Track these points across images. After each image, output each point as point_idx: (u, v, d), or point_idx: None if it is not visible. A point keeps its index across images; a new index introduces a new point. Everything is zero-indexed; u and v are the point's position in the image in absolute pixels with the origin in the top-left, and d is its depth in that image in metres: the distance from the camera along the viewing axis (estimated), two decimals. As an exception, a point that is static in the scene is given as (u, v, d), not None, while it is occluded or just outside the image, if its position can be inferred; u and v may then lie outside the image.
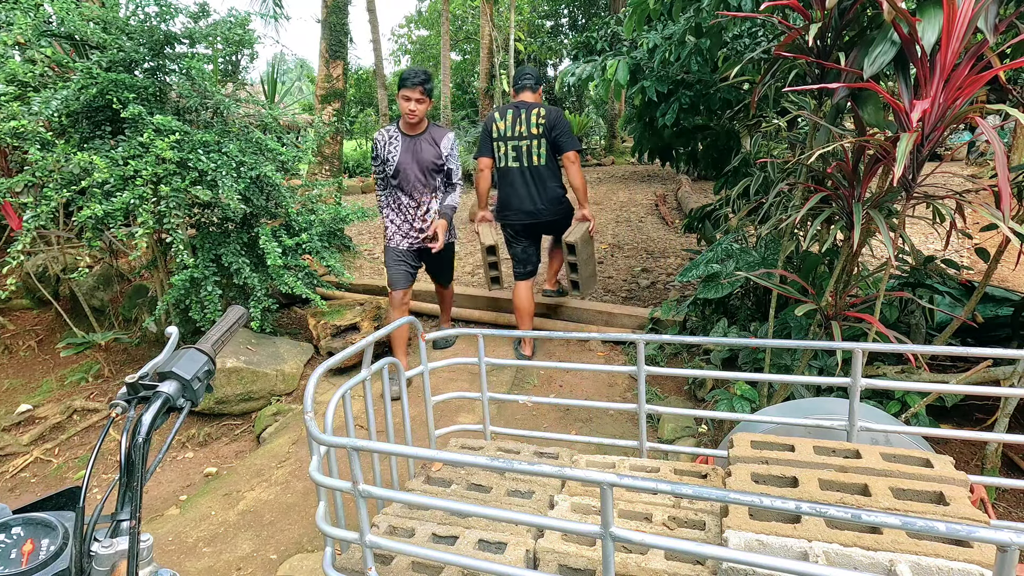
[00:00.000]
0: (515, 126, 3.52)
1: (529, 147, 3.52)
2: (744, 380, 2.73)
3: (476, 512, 0.99)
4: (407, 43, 20.81)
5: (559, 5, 18.02)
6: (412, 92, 3.15)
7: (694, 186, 9.34)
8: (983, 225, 2.30)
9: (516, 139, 3.53)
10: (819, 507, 0.78)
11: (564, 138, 3.51)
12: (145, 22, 3.30)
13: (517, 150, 3.54)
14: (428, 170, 3.34)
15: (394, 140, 3.32)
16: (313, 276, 3.80)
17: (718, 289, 3.20)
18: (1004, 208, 1.61)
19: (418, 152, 3.31)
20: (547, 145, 3.52)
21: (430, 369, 1.71)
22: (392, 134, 3.34)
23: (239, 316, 0.99)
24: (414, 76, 3.14)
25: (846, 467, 1.24)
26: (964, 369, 2.60)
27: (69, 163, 2.95)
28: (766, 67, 2.53)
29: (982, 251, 2.97)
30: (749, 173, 3.50)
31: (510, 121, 3.53)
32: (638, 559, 1.11)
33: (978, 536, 0.72)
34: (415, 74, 3.15)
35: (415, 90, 3.15)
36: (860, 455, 1.28)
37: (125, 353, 4.15)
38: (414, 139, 3.32)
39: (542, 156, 3.53)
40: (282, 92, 13.27)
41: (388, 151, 3.32)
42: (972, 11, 1.64)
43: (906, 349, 1.43)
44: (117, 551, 0.73)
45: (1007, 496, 2.39)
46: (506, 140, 3.55)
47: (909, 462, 1.25)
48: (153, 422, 0.77)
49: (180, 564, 2.25)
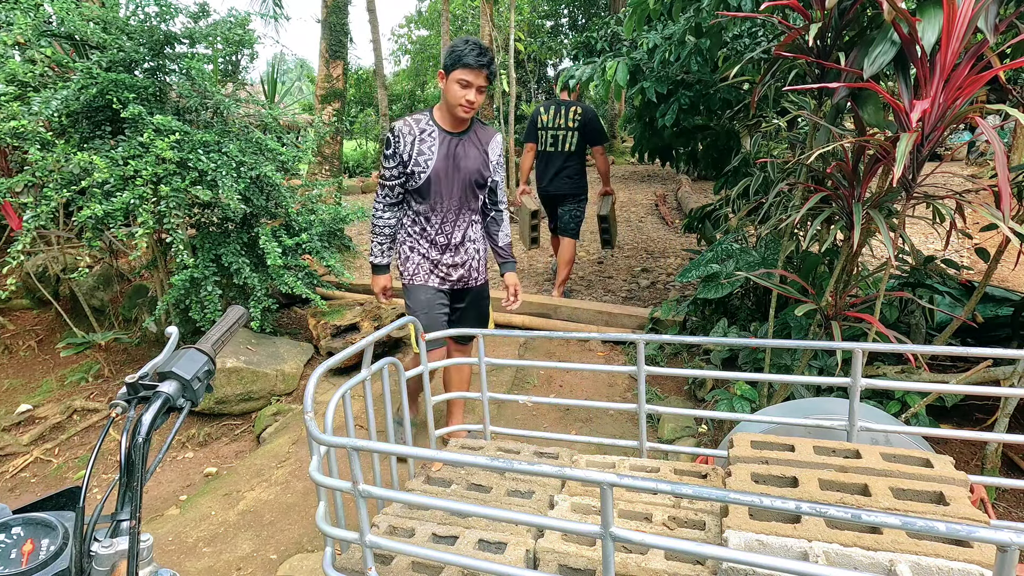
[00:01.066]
0: (556, 119, 4.35)
1: (565, 136, 4.35)
2: (744, 380, 2.74)
3: (476, 512, 0.99)
4: (407, 43, 20.81)
5: (559, 5, 18.03)
6: (476, 76, 2.19)
7: (694, 186, 9.34)
8: (983, 225, 2.30)
9: (555, 129, 4.36)
10: (819, 507, 0.78)
11: (595, 134, 4.36)
12: (145, 22, 3.30)
13: (555, 138, 4.37)
14: (473, 183, 2.40)
15: (428, 138, 2.32)
16: (313, 276, 3.80)
17: (718, 289, 3.20)
18: (1004, 208, 1.61)
19: (462, 157, 2.36)
20: (579, 136, 4.33)
21: (430, 369, 1.71)
22: (425, 128, 2.33)
23: (239, 316, 0.99)
24: (481, 54, 2.19)
25: (846, 467, 1.24)
26: (964, 369, 2.60)
27: (69, 163, 2.95)
28: (766, 67, 2.53)
29: (982, 251, 2.97)
30: (749, 173, 3.51)
31: (552, 115, 4.36)
32: (638, 559, 1.11)
33: (978, 536, 0.71)
34: (481, 51, 2.19)
35: (480, 73, 2.19)
36: (860, 455, 1.28)
37: (125, 353, 4.15)
38: (458, 139, 2.36)
39: (573, 145, 4.35)
40: (282, 92, 13.28)
41: (416, 151, 2.31)
42: (972, 11, 1.64)
43: (906, 349, 1.43)
44: (117, 551, 0.73)
45: (1007, 496, 2.39)
46: (547, 130, 4.38)
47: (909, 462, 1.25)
48: (153, 422, 0.77)
49: (180, 564, 2.24)
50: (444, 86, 2.27)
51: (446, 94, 2.26)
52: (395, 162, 2.32)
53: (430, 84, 19.86)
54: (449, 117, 2.34)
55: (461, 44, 2.19)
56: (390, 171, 2.35)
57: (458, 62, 2.18)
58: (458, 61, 2.18)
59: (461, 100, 2.23)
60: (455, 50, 2.19)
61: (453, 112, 2.29)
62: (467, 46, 2.18)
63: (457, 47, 2.19)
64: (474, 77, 2.19)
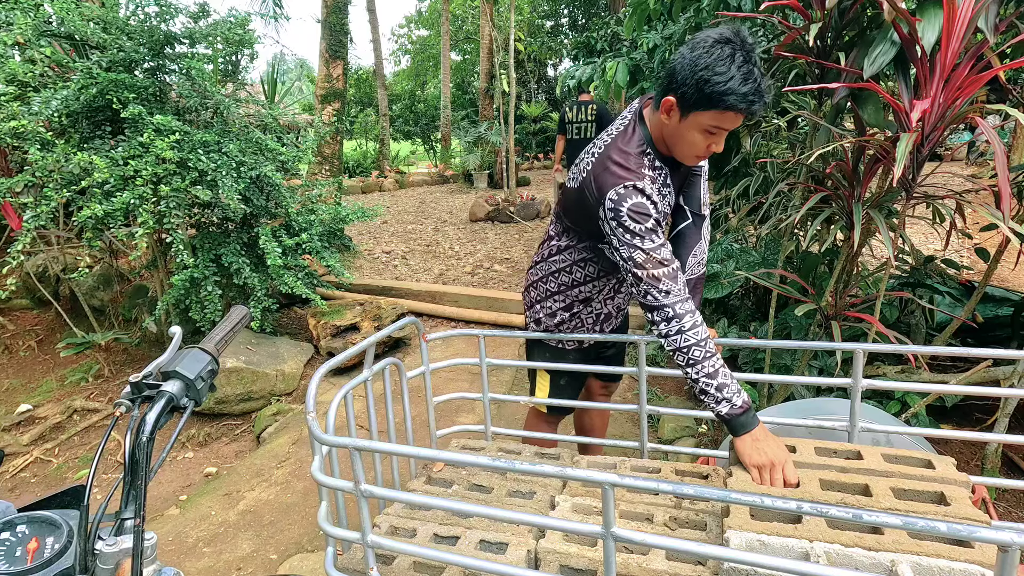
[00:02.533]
0: (578, 115, 6.10)
1: (586, 127, 6.08)
2: (744, 380, 2.73)
3: (477, 512, 0.99)
4: (407, 43, 20.82)
5: (559, 5, 18.04)
6: (739, 120, 1.33)
7: (694, 186, 9.34)
8: (983, 225, 2.30)
9: (579, 123, 6.10)
10: (820, 507, 0.78)
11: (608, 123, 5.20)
12: (145, 22, 3.30)
13: (579, 129, 6.11)
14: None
15: (663, 188, 1.49)
16: (313, 276, 3.80)
17: (718, 289, 3.21)
18: (1004, 208, 1.62)
19: (693, 198, 1.67)
20: (596, 126, 6.01)
21: (431, 370, 1.71)
22: (658, 169, 1.48)
23: (242, 316, 0.99)
24: (759, 96, 1.28)
25: (847, 467, 1.24)
26: (964, 369, 2.60)
27: (69, 163, 2.95)
28: (766, 67, 2.53)
29: (982, 251, 2.98)
30: (749, 173, 3.51)
31: (575, 112, 6.11)
32: (639, 559, 1.11)
33: (979, 536, 0.72)
34: (760, 94, 1.28)
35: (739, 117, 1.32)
36: (861, 456, 1.28)
37: (125, 353, 4.15)
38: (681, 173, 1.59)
39: (592, 133, 5.98)
40: (282, 92, 13.27)
41: (665, 203, 1.50)
42: (972, 11, 1.65)
43: (906, 349, 1.44)
44: (121, 549, 0.73)
45: (1007, 496, 2.39)
46: (573, 124, 6.14)
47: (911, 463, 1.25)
48: (157, 421, 0.77)
49: (180, 564, 2.24)
50: (688, 135, 1.38)
51: (688, 142, 1.39)
52: (651, 222, 1.38)
53: (430, 84, 19.87)
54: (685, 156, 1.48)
55: (742, 84, 1.25)
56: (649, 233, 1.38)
57: (720, 101, 1.27)
58: (721, 99, 1.27)
59: (700, 149, 1.40)
60: (724, 88, 1.25)
61: (688, 159, 1.46)
62: (751, 87, 1.26)
63: (732, 86, 1.25)
64: (735, 121, 1.33)
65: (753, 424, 1.29)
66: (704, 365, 1.31)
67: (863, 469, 1.23)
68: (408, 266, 6.07)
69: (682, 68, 1.30)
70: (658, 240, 1.37)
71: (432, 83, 19.63)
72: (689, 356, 1.32)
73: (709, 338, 1.34)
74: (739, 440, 1.27)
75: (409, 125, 17.39)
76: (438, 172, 13.23)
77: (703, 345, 1.31)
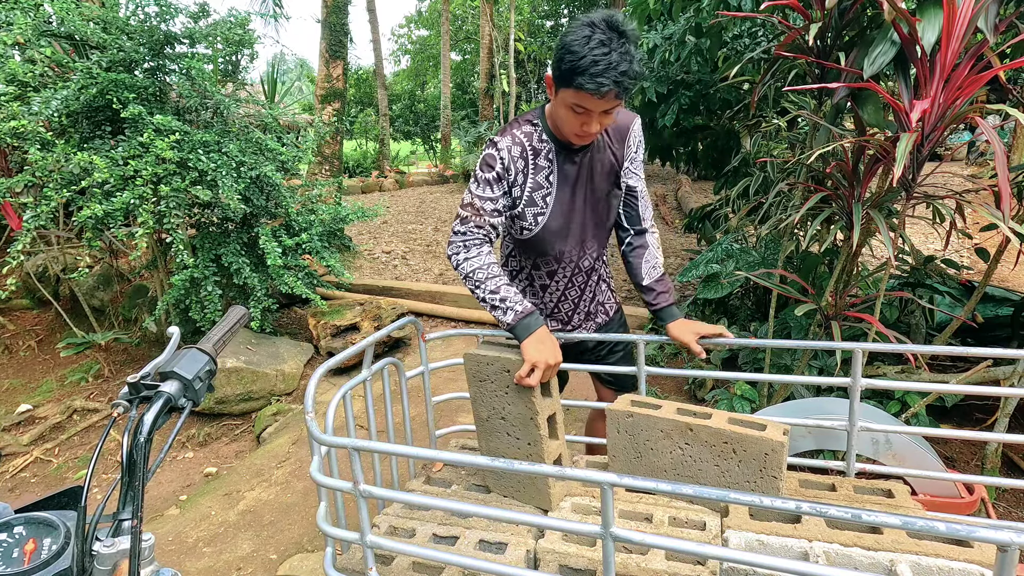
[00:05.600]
0: None
1: None
2: (744, 380, 2.73)
3: (477, 512, 0.99)
4: (407, 43, 20.82)
5: (559, 5, 18.03)
6: (600, 103, 1.32)
7: (694, 186, 9.35)
8: (983, 225, 2.30)
9: None
10: (819, 507, 0.78)
11: None
12: (145, 22, 3.30)
13: None
14: (604, 210, 1.66)
15: (543, 160, 1.52)
16: (313, 276, 3.80)
17: (718, 289, 3.21)
18: (1004, 208, 1.61)
19: (589, 181, 1.58)
20: None
21: (430, 370, 1.71)
22: (538, 146, 1.51)
23: (240, 316, 0.99)
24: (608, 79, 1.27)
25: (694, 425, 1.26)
26: (964, 369, 2.60)
27: (69, 163, 2.95)
28: (766, 67, 2.53)
29: (982, 251, 2.98)
30: (749, 173, 3.51)
31: None
32: (638, 559, 1.11)
33: (978, 536, 0.72)
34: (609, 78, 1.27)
35: (603, 99, 1.31)
36: (710, 416, 1.31)
37: (125, 353, 4.15)
38: (585, 156, 1.54)
39: None
40: (282, 92, 13.28)
41: (528, 183, 1.53)
42: (972, 11, 1.64)
43: (906, 349, 1.43)
44: (119, 550, 0.73)
45: (1007, 496, 2.39)
46: None
47: (751, 426, 1.27)
48: (155, 422, 0.77)
49: (180, 564, 2.24)
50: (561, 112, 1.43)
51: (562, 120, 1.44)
52: (496, 195, 1.54)
53: (430, 84, 19.87)
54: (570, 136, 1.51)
55: (577, 49, 1.28)
56: (486, 203, 1.54)
57: (572, 78, 1.30)
58: (573, 76, 1.30)
59: (576, 128, 1.42)
60: (564, 59, 1.31)
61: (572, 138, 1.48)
62: (590, 59, 1.27)
63: (570, 54, 1.29)
64: (599, 104, 1.33)
65: (536, 325, 1.39)
66: (488, 283, 1.45)
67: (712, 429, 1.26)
68: (408, 266, 6.07)
69: (556, 47, 1.37)
70: (488, 192, 1.49)
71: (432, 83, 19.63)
72: (475, 278, 1.46)
73: (495, 264, 1.47)
74: (524, 342, 1.36)
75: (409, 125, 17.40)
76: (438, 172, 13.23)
77: (486, 268, 1.46)
